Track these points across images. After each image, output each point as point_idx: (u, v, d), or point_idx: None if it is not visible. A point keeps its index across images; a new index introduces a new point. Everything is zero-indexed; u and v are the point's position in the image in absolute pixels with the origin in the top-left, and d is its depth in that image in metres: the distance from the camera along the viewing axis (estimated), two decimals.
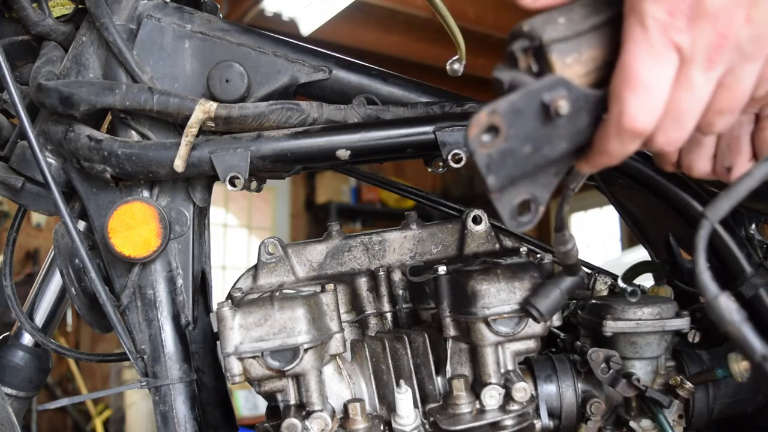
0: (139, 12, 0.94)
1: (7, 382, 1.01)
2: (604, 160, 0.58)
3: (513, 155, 0.54)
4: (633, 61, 0.52)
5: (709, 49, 0.52)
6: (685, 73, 0.53)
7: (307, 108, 0.90)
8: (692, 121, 0.55)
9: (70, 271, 0.93)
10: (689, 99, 0.54)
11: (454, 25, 0.95)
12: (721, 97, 0.55)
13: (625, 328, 0.90)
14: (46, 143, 0.93)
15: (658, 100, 0.53)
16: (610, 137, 0.55)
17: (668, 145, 0.56)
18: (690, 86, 0.53)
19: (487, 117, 0.52)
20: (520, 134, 0.53)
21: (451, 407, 0.84)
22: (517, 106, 0.52)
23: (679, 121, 0.55)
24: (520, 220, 0.57)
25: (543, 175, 0.58)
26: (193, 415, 0.90)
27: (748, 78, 0.55)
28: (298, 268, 0.97)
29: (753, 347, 0.49)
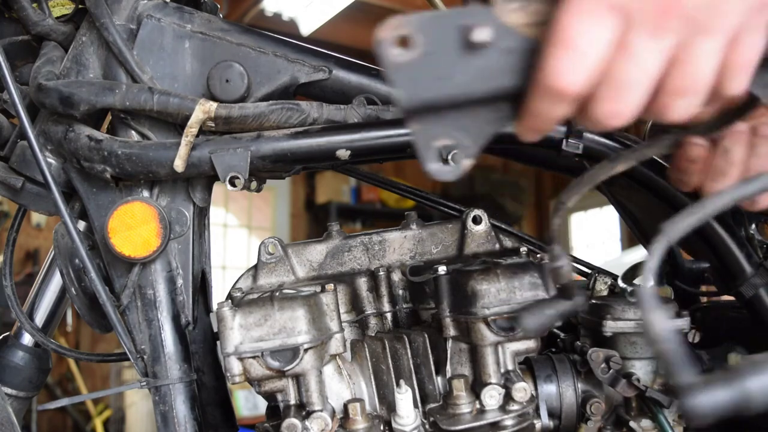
0: (139, 12, 0.94)
1: (7, 382, 1.01)
2: (532, 122, 0.54)
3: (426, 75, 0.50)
4: (566, 17, 0.49)
5: (656, 13, 0.48)
6: (627, 37, 0.49)
7: (307, 108, 0.90)
8: (637, 94, 0.51)
9: (70, 271, 0.93)
10: (631, 67, 0.50)
11: None
12: (675, 75, 0.51)
13: (625, 328, 0.90)
14: (46, 143, 0.93)
15: (590, 62, 0.49)
16: (536, 95, 0.52)
17: (610, 117, 0.52)
18: (632, 52, 0.49)
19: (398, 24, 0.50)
20: (436, 54, 0.50)
21: (451, 407, 0.84)
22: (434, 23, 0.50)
23: (620, 91, 0.50)
24: (440, 167, 0.54)
25: (470, 120, 0.54)
26: (193, 415, 0.90)
27: (705, 56, 0.50)
28: (298, 268, 0.97)
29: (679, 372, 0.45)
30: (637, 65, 0.49)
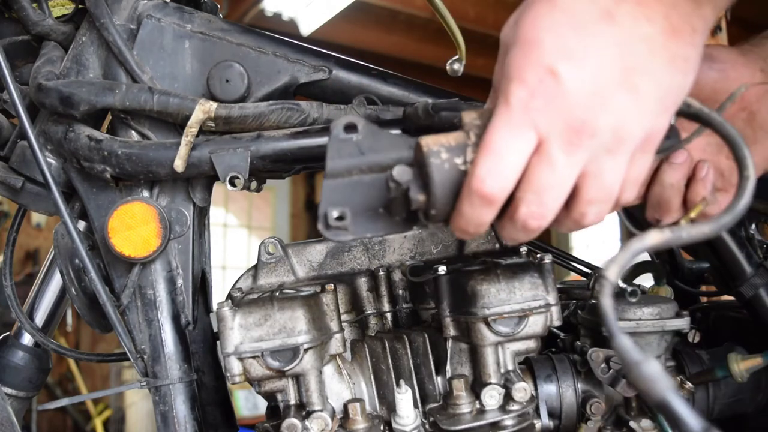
0: (139, 12, 0.94)
1: (7, 382, 1.01)
2: (460, 224, 0.60)
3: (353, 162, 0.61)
4: (492, 132, 0.56)
5: (569, 131, 0.55)
6: (545, 150, 0.56)
7: (307, 108, 0.90)
8: (555, 199, 0.57)
9: (70, 271, 0.93)
10: (549, 175, 0.56)
11: (454, 25, 0.95)
12: (588, 187, 0.58)
13: (625, 328, 0.90)
14: (46, 143, 0.93)
15: (510, 169, 0.56)
16: (464, 201, 0.58)
17: (532, 219, 0.58)
18: (549, 163, 0.56)
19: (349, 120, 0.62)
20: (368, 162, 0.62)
21: (451, 407, 0.84)
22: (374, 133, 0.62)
23: (540, 196, 0.57)
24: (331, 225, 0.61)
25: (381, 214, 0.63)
26: (193, 415, 0.90)
27: (612, 171, 0.57)
28: (298, 268, 0.97)
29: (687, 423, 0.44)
30: (553, 173, 0.56)
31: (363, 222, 0.62)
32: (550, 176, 0.56)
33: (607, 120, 0.55)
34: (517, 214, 0.59)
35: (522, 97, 0.55)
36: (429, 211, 0.60)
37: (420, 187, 0.60)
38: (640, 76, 0.55)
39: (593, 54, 0.54)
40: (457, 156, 0.59)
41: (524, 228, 0.60)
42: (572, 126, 0.55)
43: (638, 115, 0.56)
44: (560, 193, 0.58)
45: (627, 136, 0.56)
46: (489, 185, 0.56)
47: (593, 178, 0.58)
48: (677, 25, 0.55)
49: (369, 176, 0.63)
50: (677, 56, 0.56)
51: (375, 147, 0.62)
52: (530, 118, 0.55)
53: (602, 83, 0.55)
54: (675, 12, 0.55)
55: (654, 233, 0.53)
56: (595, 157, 0.56)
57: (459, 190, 0.59)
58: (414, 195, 0.59)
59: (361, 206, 0.62)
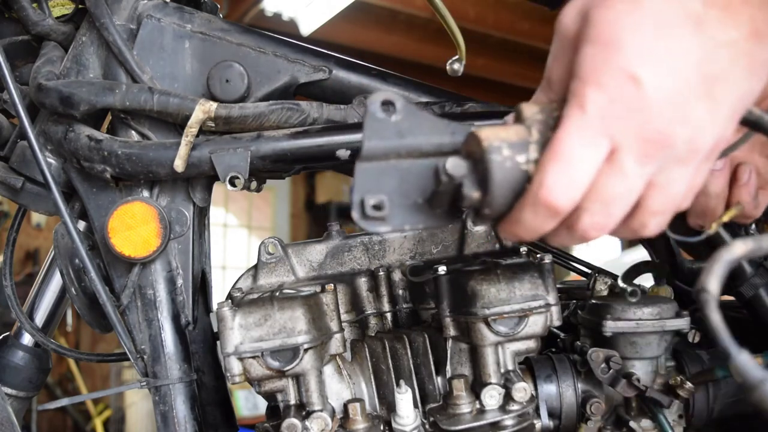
0: (139, 12, 0.94)
1: (7, 382, 1.01)
2: (515, 230, 0.57)
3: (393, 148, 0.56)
4: (564, 138, 0.53)
5: (644, 141, 0.52)
6: (617, 159, 0.53)
7: (307, 108, 0.90)
8: (620, 210, 0.55)
9: (70, 271, 0.93)
10: (619, 185, 0.54)
11: (454, 25, 0.95)
12: (654, 198, 0.56)
13: (625, 328, 0.89)
14: (46, 143, 0.93)
15: (581, 180, 0.53)
16: (526, 206, 0.55)
17: (593, 230, 0.56)
18: (621, 173, 0.53)
19: (386, 96, 0.56)
20: (409, 146, 0.57)
21: (451, 407, 0.84)
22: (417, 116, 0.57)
23: (607, 206, 0.54)
24: (368, 215, 0.56)
25: (419, 205, 0.58)
26: (193, 415, 0.90)
27: (679, 181, 0.55)
28: (298, 268, 0.97)
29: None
30: (623, 183, 0.53)
31: (401, 212, 0.57)
32: (620, 187, 0.54)
33: (685, 132, 0.52)
34: (579, 224, 0.56)
35: (600, 102, 0.52)
36: (483, 209, 0.56)
37: (476, 183, 0.55)
38: (721, 85, 0.52)
39: (678, 60, 0.51)
40: (519, 154, 0.55)
41: (583, 237, 0.57)
42: (650, 137, 0.52)
43: (713, 125, 0.53)
44: (627, 204, 0.55)
45: (699, 146, 0.54)
46: (558, 196, 0.53)
47: (660, 189, 0.55)
48: (761, 27, 0.52)
49: (407, 162, 0.57)
50: (757, 61, 0.53)
51: (415, 129, 0.57)
52: (606, 125, 0.52)
53: (684, 92, 0.52)
54: (760, 14, 0.52)
55: (740, 244, 0.51)
56: (665, 168, 0.54)
57: (517, 190, 0.55)
58: (468, 192, 0.55)
59: (399, 194, 0.57)
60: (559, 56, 0.57)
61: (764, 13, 0.52)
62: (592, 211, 0.55)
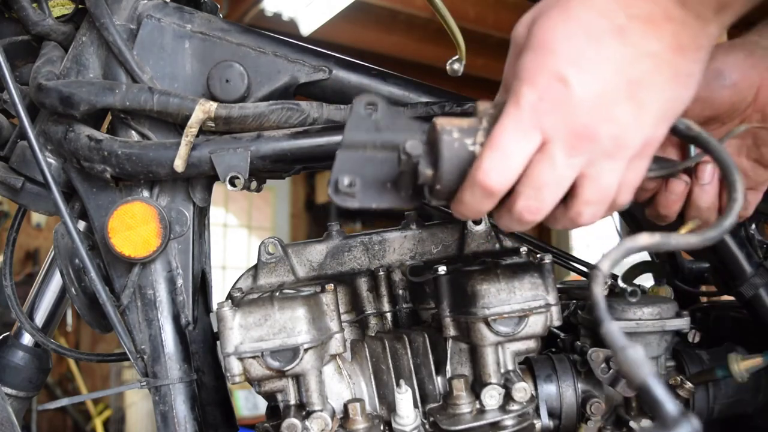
0: (139, 12, 0.94)
1: (7, 382, 1.01)
2: (461, 209, 0.64)
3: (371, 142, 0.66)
4: (500, 129, 0.60)
5: (571, 135, 0.58)
6: (548, 150, 0.59)
7: (307, 108, 0.90)
8: (551, 195, 0.61)
9: (70, 271, 0.93)
10: (548, 173, 0.60)
11: (454, 25, 0.95)
12: (585, 188, 0.61)
13: (625, 328, 0.89)
14: (46, 143, 0.93)
15: (513, 166, 0.60)
16: (467, 187, 0.62)
17: (527, 212, 0.62)
18: (550, 162, 0.59)
19: (371, 98, 0.67)
20: (383, 140, 0.66)
21: (451, 407, 0.84)
22: (392, 112, 0.67)
23: (538, 191, 0.60)
24: (340, 190, 0.65)
25: (386, 186, 0.66)
26: (193, 415, 0.90)
27: (609, 175, 0.60)
28: (298, 268, 0.97)
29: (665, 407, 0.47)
30: (553, 171, 0.60)
31: (371, 193, 0.66)
32: (549, 174, 0.60)
33: (609, 128, 0.58)
34: (515, 206, 0.62)
35: (532, 99, 0.58)
36: (434, 186, 0.63)
37: (429, 162, 0.63)
38: (644, 90, 0.58)
39: (602, 65, 0.57)
40: (467, 137, 0.62)
41: (520, 220, 0.63)
42: (576, 131, 0.58)
43: (639, 125, 0.59)
44: (557, 191, 0.61)
45: (626, 143, 0.59)
46: (492, 178, 0.60)
47: (591, 180, 0.61)
48: (685, 42, 0.57)
49: (382, 153, 0.66)
50: (681, 72, 0.59)
51: (392, 126, 0.66)
52: (537, 119, 0.58)
53: (608, 93, 0.57)
54: (684, 31, 0.57)
55: (645, 235, 0.57)
56: (594, 160, 0.60)
57: (464, 170, 0.62)
58: (423, 168, 0.63)
59: (371, 178, 0.66)
60: (510, 62, 0.64)
61: (687, 30, 0.57)
62: (526, 195, 0.61)
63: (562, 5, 0.59)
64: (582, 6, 0.58)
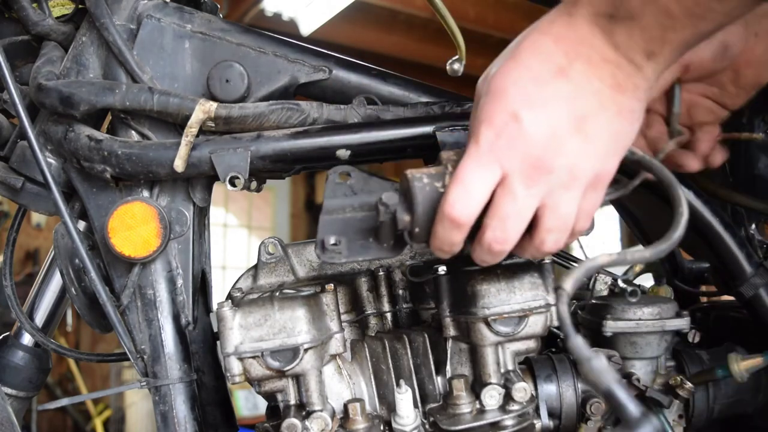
0: (139, 12, 0.94)
1: (7, 382, 1.01)
2: (436, 244, 0.69)
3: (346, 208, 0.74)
4: (463, 166, 0.66)
5: (527, 167, 0.63)
6: (507, 183, 0.64)
7: (307, 108, 0.90)
8: (515, 226, 0.66)
9: (70, 271, 0.93)
10: (511, 205, 0.64)
11: (454, 25, 0.95)
12: (546, 217, 0.66)
13: (625, 328, 0.90)
14: (46, 143, 0.93)
15: (476, 198, 0.65)
16: (438, 222, 0.67)
17: (495, 243, 0.67)
18: (511, 195, 0.64)
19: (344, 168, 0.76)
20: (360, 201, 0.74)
21: (451, 407, 0.84)
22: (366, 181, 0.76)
23: (503, 222, 0.65)
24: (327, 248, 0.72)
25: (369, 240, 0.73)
26: (193, 415, 0.90)
27: (567, 204, 0.65)
28: (298, 268, 0.97)
29: (628, 409, 0.52)
30: (514, 203, 0.65)
31: (356, 248, 0.72)
32: (511, 206, 0.65)
33: (562, 160, 0.63)
34: (483, 238, 0.67)
35: (489, 137, 0.64)
36: (413, 229, 0.69)
37: (405, 208, 0.69)
38: (591, 124, 0.63)
39: (550, 103, 0.63)
40: (436, 181, 0.68)
41: (489, 251, 0.68)
42: (531, 164, 0.63)
43: (589, 157, 0.64)
44: (520, 222, 0.66)
45: (579, 174, 0.64)
46: (457, 210, 0.65)
47: (551, 210, 0.65)
48: (622, 82, 0.62)
49: (361, 213, 0.73)
50: (624, 108, 0.63)
51: (365, 188, 0.74)
52: (495, 155, 0.64)
53: (558, 128, 0.63)
54: (620, 71, 0.62)
55: (603, 255, 0.63)
56: (552, 191, 0.65)
57: (437, 209, 0.67)
58: (400, 215, 0.68)
59: (354, 235, 0.72)
60: (473, 111, 0.70)
61: (623, 71, 0.62)
62: (492, 226, 0.66)
63: (512, 55, 0.65)
64: (528, 53, 0.64)
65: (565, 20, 0.63)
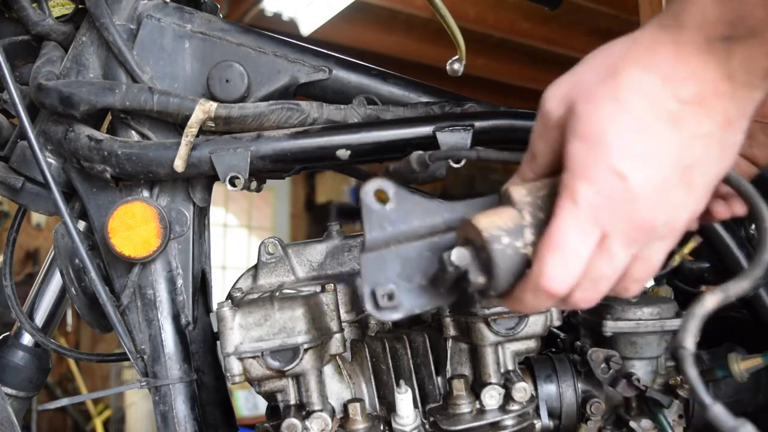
0: (139, 12, 0.94)
1: (7, 382, 1.01)
2: (518, 307, 0.63)
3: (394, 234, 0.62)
4: (560, 230, 0.57)
5: (632, 230, 0.58)
6: (607, 245, 0.58)
7: (307, 108, 0.90)
8: (608, 285, 0.61)
9: (70, 271, 0.93)
10: (608, 267, 0.59)
11: (454, 25, 0.95)
12: (637, 268, 0.61)
13: (625, 328, 0.89)
14: (46, 143, 0.93)
15: (577, 267, 0.58)
16: (527, 291, 0.60)
17: (583, 303, 0.62)
18: (610, 257, 0.59)
19: (379, 185, 0.61)
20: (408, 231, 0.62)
21: (451, 407, 0.84)
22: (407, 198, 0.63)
23: (596, 284, 0.60)
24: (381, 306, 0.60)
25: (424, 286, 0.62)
26: (193, 415, 0.90)
27: (659, 253, 0.61)
28: (298, 268, 0.97)
29: None
30: (612, 265, 0.59)
31: (409, 297, 0.61)
32: (608, 268, 0.59)
33: (665, 215, 0.58)
34: (571, 300, 0.61)
35: (590, 196, 0.56)
36: (488, 291, 0.61)
37: (480, 270, 0.59)
38: (695, 172, 0.57)
39: (658, 156, 0.56)
40: (516, 239, 0.59)
41: (575, 307, 0.63)
42: (636, 225, 0.57)
43: (688, 206, 0.59)
44: (614, 281, 0.61)
45: (678, 226, 0.59)
46: (556, 283, 0.58)
47: (643, 262, 0.61)
48: (733, 116, 0.56)
49: (407, 246, 0.62)
50: (728, 145, 0.58)
51: (410, 215, 0.63)
52: (597, 217, 0.57)
53: (665, 183, 0.56)
54: (732, 104, 0.56)
55: (710, 297, 0.58)
56: (648, 245, 0.60)
57: (518, 272, 0.59)
58: (474, 278, 0.59)
59: (403, 279, 0.62)
60: (543, 135, 0.62)
61: (734, 104, 0.56)
62: (583, 287, 0.60)
63: (610, 90, 0.56)
64: (632, 94, 0.56)
65: (672, 50, 0.55)
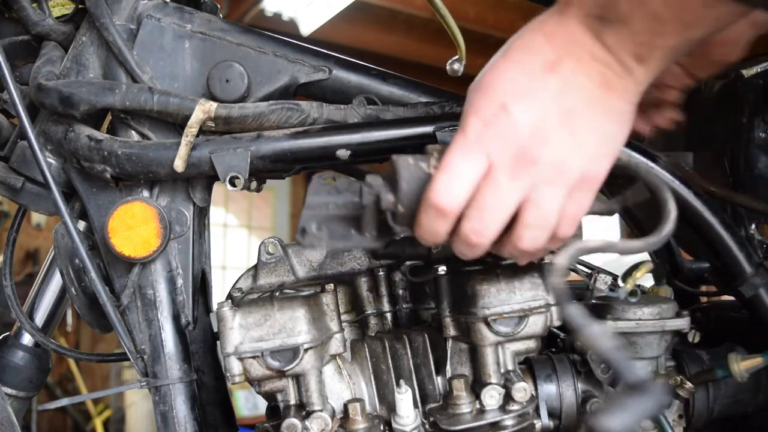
0: (139, 12, 0.94)
1: (7, 382, 1.01)
2: (420, 233, 0.68)
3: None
4: (450, 154, 0.65)
5: (514, 159, 0.63)
6: (492, 174, 0.64)
7: (307, 108, 0.90)
8: (495, 217, 0.65)
9: (70, 271, 0.93)
10: (493, 196, 0.64)
11: (454, 25, 0.95)
12: (528, 212, 0.65)
13: (625, 328, 0.90)
14: (46, 143, 0.93)
15: (462, 187, 0.64)
16: (422, 210, 0.66)
17: (473, 234, 0.66)
18: (494, 185, 0.64)
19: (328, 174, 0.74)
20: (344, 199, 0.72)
21: (451, 407, 0.84)
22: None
23: (483, 213, 0.65)
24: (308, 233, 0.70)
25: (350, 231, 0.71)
26: (193, 415, 0.90)
27: (549, 200, 0.64)
28: (298, 268, 0.96)
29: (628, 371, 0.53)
30: (497, 194, 0.64)
31: (337, 236, 0.71)
32: (493, 197, 0.64)
33: (548, 153, 0.63)
34: (462, 229, 0.66)
35: (476, 126, 0.64)
36: (397, 210, 0.68)
37: (390, 188, 0.68)
38: (578, 120, 0.63)
39: (538, 96, 0.63)
40: (422, 162, 0.68)
41: (467, 242, 0.67)
42: (518, 155, 0.63)
43: (575, 154, 0.63)
44: (501, 214, 0.65)
45: (565, 170, 0.64)
46: (443, 198, 0.64)
47: (532, 205, 0.65)
48: (611, 82, 0.63)
49: (344, 210, 0.72)
50: (612, 108, 0.63)
51: (350, 189, 0.72)
52: (482, 144, 0.64)
53: (545, 121, 0.63)
54: (609, 71, 0.62)
55: (595, 240, 0.65)
56: (535, 185, 0.64)
57: (422, 191, 0.66)
58: (384, 195, 0.68)
59: (337, 227, 0.71)
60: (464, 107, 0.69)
61: (612, 71, 0.62)
62: (471, 217, 0.65)
63: (502, 53, 0.66)
64: (518, 49, 0.65)
65: (557, 19, 0.64)
